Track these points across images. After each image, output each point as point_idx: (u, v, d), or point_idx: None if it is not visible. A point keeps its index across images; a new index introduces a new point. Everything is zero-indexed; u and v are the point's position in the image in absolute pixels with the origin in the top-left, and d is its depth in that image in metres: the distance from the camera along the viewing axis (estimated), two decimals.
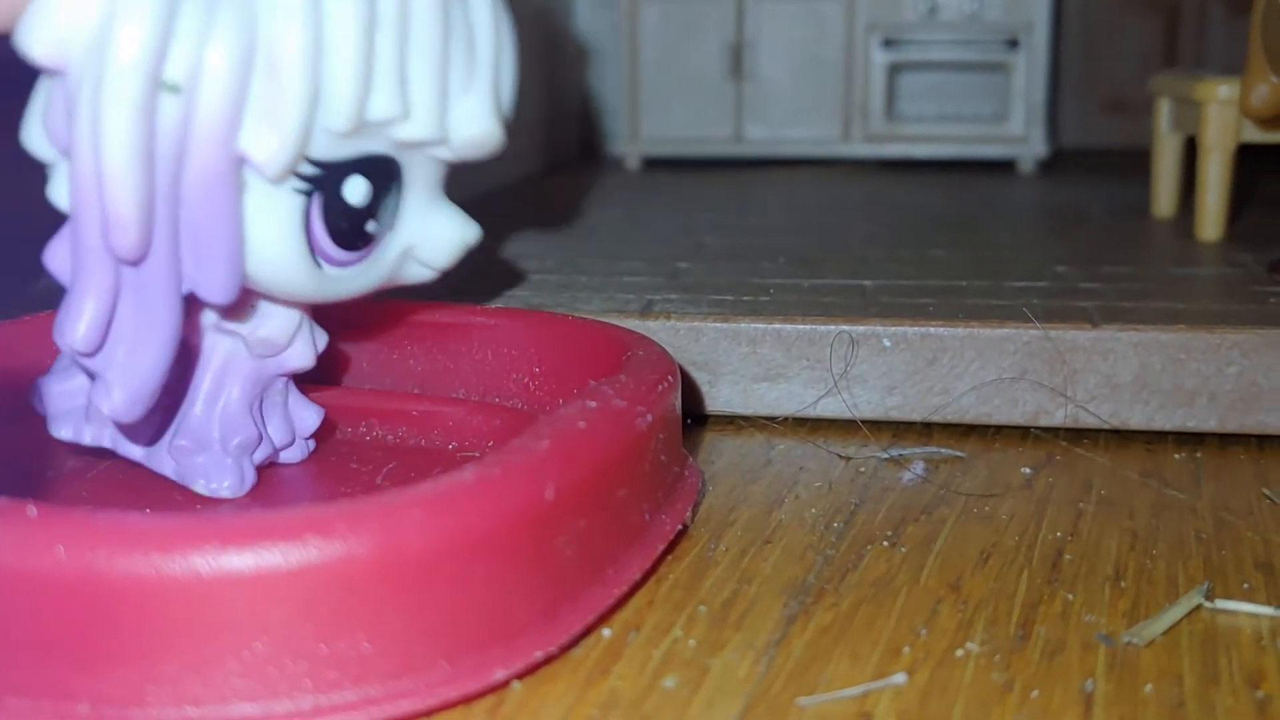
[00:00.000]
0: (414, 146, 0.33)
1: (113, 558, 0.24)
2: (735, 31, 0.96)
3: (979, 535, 0.36)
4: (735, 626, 0.30)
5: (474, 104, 0.33)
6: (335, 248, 0.32)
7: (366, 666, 0.25)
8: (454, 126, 0.33)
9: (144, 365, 0.30)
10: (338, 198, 0.32)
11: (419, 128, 0.32)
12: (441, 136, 0.32)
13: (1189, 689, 0.27)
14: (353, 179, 0.32)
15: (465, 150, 0.33)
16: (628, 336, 0.39)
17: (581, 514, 0.29)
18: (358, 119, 0.31)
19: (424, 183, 0.34)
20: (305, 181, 0.31)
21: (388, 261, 0.34)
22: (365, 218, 0.33)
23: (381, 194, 0.33)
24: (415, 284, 0.36)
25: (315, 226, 0.32)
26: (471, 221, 0.35)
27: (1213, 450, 0.43)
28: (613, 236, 0.64)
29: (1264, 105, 0.54)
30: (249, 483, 0.35)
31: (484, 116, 0.33)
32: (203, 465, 0.35)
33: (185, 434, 0.35)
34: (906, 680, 0.28)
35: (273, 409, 0.37)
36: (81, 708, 0.24)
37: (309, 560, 0.24)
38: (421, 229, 0.34)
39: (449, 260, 0.35)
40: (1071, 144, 1.08)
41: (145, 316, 0.30)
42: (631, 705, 0.27)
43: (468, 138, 0.33)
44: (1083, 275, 0.53)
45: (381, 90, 0.31)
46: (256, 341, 0.35)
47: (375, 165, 0.32)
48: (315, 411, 0.38)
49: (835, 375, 0.45)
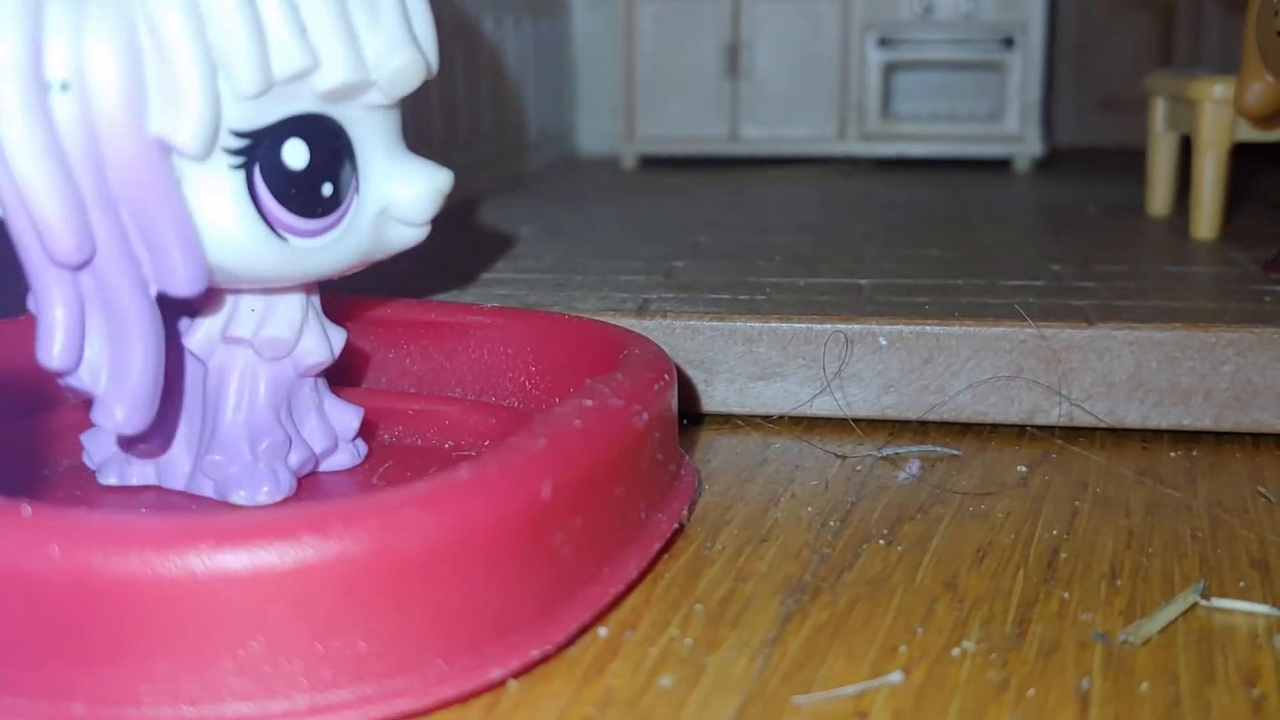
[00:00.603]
0: (340, 95, 0.32)
1: (108, 557, 0.24)
2: (731, 31, 0.96)
3: (975, 534, 0.36)
4: (731, 625, 0.30)
5: (387, 36, 0.32)
6: (293, 216, 0.32)
7: (363, 666, 0.25)
8: (374, 65, 0.32)
9: (133, 373, 0.30)
10: (279, 164, 0.31)
11: (335, 73, 0.31)
12: (363, 77, 0.32)
13: (1185, 687, 0.27)
14: (289, 143, 0.31)
15: (393, 86, 0.33)
16: (624, 335, 0.39)
17: (578, 513, 0.29)
18: (265, 79, 0.30)
19: (379, 138, 0.34)
20: (237, 155, 0.31)
21: (365, 227, 0.34)
22: (317, 181, 0.32)
23: (330, 155, 0.32)
24: (406, 248, 0.35)
25: (263, 198, 0.31)
26: (440, 167, 0.35)
27: (1208, 448, 0.43)
28: (609, 236, 0.64)
29: (1258, 104, 0.54)
30: (286, 487, 0.35)
31: (401, 46, 0.32)
32: (237, 476, 0.34)
33: (216, 448, 0.35)
34: (902, 679, 0.28)
35: (305, 414, 0.36)
36: (77, 707, 0.24)
37: (305, 559, 0.24)
38: (390, 185, 0.34)
39: (427, 211, 0.34)
40: (1067, 143, 1.08)
41: (118, 325, 0.30)
42: (628, 704, 0.26)
43: (391, 71, 0.32)
44: (1078, 274, 0.53)
45: (282, 44, 0.30)
46: (263, 343, 0.34)
47: (309, 125, 0.32)
48: (353, 412, 0.38)
49: (828, 375, 0.45)
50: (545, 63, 0.97)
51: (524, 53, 0.91)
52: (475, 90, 0.81)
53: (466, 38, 0.79)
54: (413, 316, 0.44)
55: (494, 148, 0.85)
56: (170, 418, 0.36)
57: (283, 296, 0.35)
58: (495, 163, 0.85)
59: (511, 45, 0.88)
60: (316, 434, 0.37)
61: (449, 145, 0.76)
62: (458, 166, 0.34)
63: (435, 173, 0.34)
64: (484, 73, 0.82)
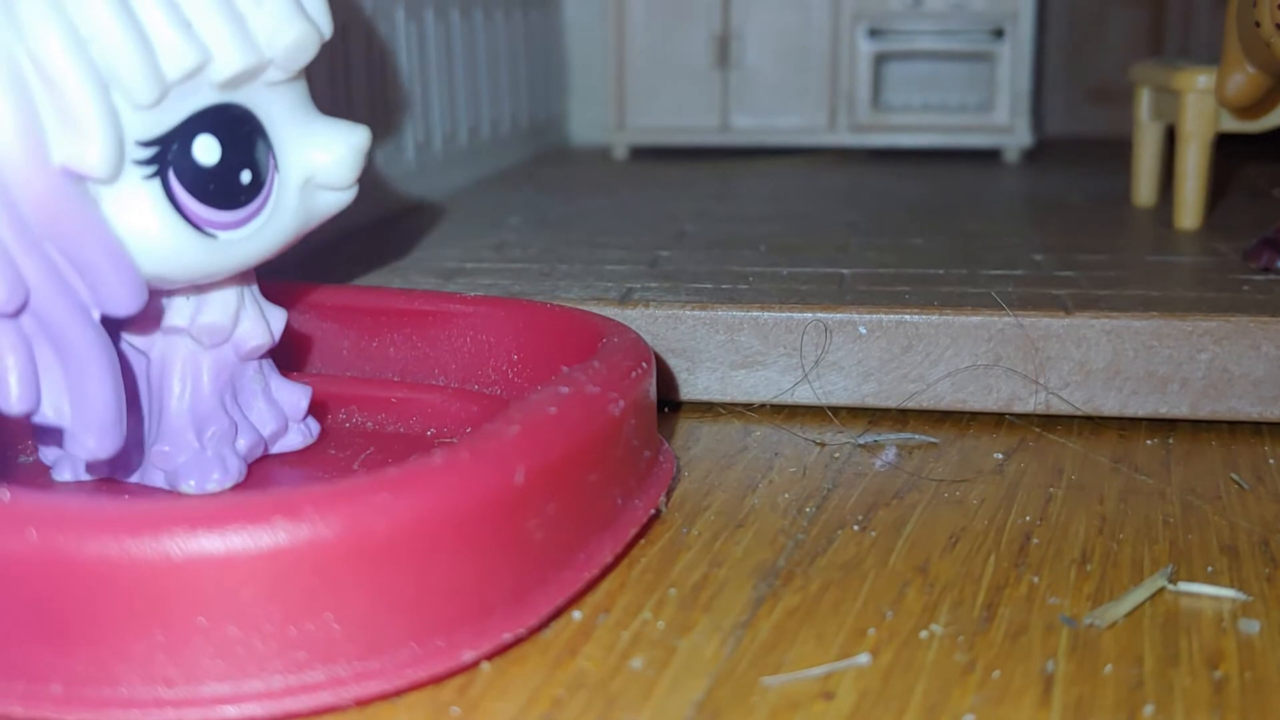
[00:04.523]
0: (239, 81, 0.32)
1: (84, 540, 0.24)
2: (721, 21, 0.96)
3: (949, 520, 0.36)
4: (704, 609, 0.31)
5: (272, 12, 0.32)
6: (217, 211, 0.32)
7: (335, 647, 0.25)
8: (266, 43, 0.32)
9: (95, 400, 0.30)
10: (192, 164, 0.31)
11: (230, 61, 0.31)
12: (259, 60, 0.31)
13: (1148, 669, 0.28)
14: (198, 139, 0.31)
15: (289, 60, 0.32)
16: (604, 324, 0.40)
17: (551, 498, 0.29)
18: (160, 86, 0.30)
19: (287, 111, 0.33)
20: (148, 164, 0.31)
21: (291, 203, 0.33)
22: (233, 171, 0.32)
23: (242, 142, 0.32)
24: (335, 213, 0.35)
25: (183, 200, 0.31)
26: (356, 125, 0.34)
27: (1184, 436, 0.44)
28: (595, 225, 0.65)
29: (1239, 94, 0.54)
30: (235, 473, 0.35)
31: (290, 19, 0.32)
32: (185, 465, 0.35)
33: (164, 439, 0.35)
34: (870, 661, 0.28)
35: (252, 398, 0.37)
36: (54, 688, 0.25)
37: (277, 543, 0.25)
38: (309, 154, 0.33)
39: (350, 172, 0.34)
40: (1057, 133, 1.08)
41: (70, 356, 0.30)
42: (598, 685, 0.27)
43: (285, 47, 0.32)
44: (1059, 263, 0.53)
45: (169, 46, 0.30)
46: (201, 330, 0.34)
47: (215, 117, 0.31)
48: (301, 391, 0.38)
49: (806, 364, 0.45)
50: (536, 53, 0.97)
51: (514, 43, 0.91)
52: (466, 80, 0.81)
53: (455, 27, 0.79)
54: (396, 305, 0.44)
55: (483, 139, 0.85)
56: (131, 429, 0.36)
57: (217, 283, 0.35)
58: (484, 153, 0.85)
59: (502, 35, 0.88)
60: (265, 416, 0.37)
61: (438, 135, 0.76)
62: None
63: (351, 132, 0.34)
64: (473, 63, 0.83)
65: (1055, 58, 1.08)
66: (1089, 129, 1.08)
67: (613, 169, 0.92)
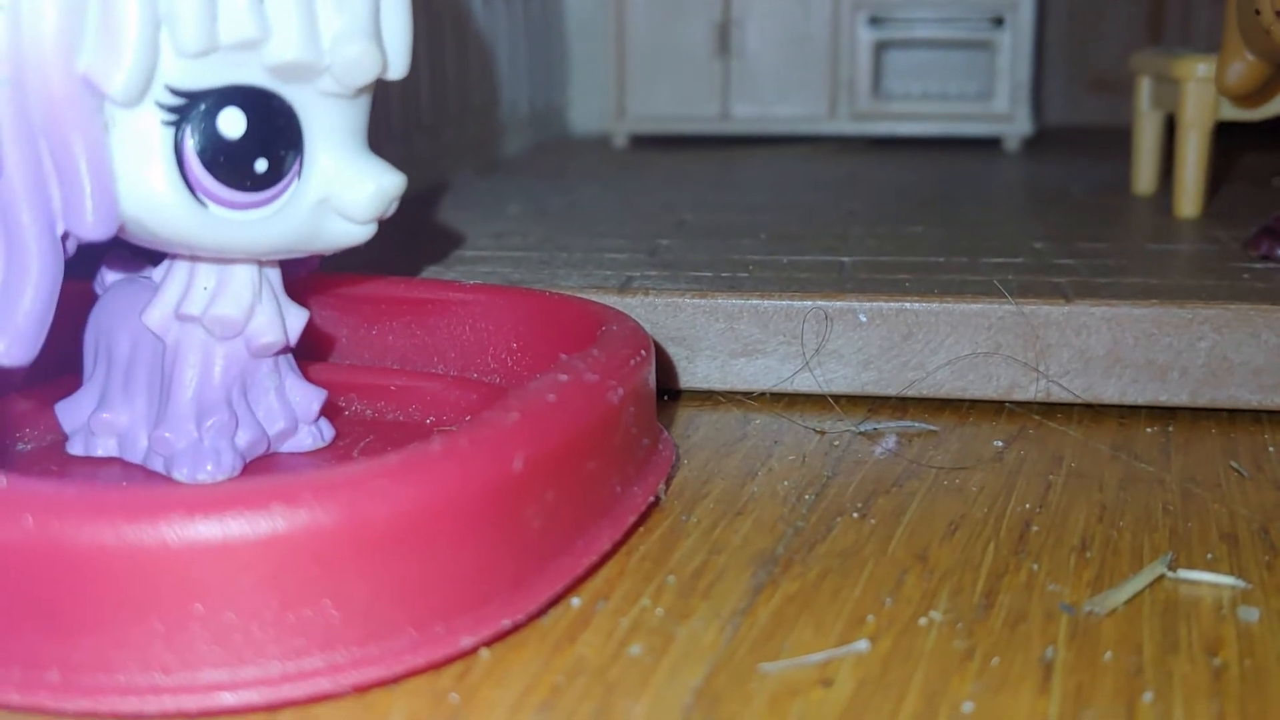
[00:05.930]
0: (291, 73, 0.32)
1: (81, 527, 0.24)
2: (722, 9, 0.96)
3: (948, 507, 0.36)
4: (703, 596, 0.31)
5: (348, 23, 0.32)
6: (218, 184, 0.32)
7: (334, 634, 0.25)
8: (328, 48, 0.32)
9: (23, 305, 0.30)
10: (213, 130, 0.31)
11: (286, 48, 0.31)
12: (315, 59, 0.31)
13: (1148, 657, 0.28)
14: (227, 110, 0.31)
15: (346, 75, 0.32)
16: (604, 312, 0.39)
17: (550, 486, 0.29)
18: (209, 40, 0.30)
19: (334, 130, 0.33)
20: (171, 111, 0.31)
21: (300, 214, 0.33)
22: (251, 154, 0.32)
23: (272, 132, 0.32)
24: (350, 245, 0.34)
25: (190, 161, 0.31)
26: (394, 170, 0.34)
27: (1184, 424, 0.44)
28: (596, 214, 0.65)
29: (1239, 83, 0.54)
30: (229, 467, 0.35)
31: (359, 35, 0.32)
32: (181, 453, 0.35)
33: (166, 424, 0.35)
34: (869, 647, 0.28)
35: (262, 394, 0.36)
36: (51, 674, 0.25)
37: (276, 530, 0.24)
38: (335, 178, 0.33)
39: (370, 211, 0.33)
40: (1057, 122, 1.08)
41: (15, 253, 0.29)
42: (597, 672, 0.27)
43: (345, 59, 0.32)
44: (1059, 251, 0.53)
45: (234, 10, 0.30)
46: (213, 322, 0.34)
47: (253, 97, 0.32)
48: (315, 394, 0.38)
49: (807, 352, 0.45)
50: (537, 41, 0.97)
51: (515, 31, 0.91)
52: (467, 69, 0.81)
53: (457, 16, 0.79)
54: (396, 293, 0.44)
55: (484, 127, 0.85)
56: (136, 392, 0.36)
57: (234, 275, 0.35)
58: (486, 142, 0.85)
59: (503, 24, 0.88)
60: (274, 414, 0.37)
61: (439, 124, 0.76)
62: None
63: (385, 174, 0.33)
64: (475, 51, 0.82)
65: (1055, 46, 1.08)
66: (1089, 117, 1.08)
67: (613, 157, 0.92)
